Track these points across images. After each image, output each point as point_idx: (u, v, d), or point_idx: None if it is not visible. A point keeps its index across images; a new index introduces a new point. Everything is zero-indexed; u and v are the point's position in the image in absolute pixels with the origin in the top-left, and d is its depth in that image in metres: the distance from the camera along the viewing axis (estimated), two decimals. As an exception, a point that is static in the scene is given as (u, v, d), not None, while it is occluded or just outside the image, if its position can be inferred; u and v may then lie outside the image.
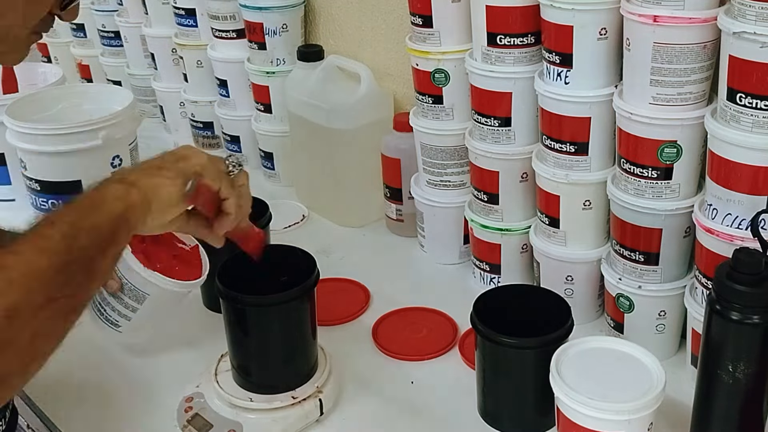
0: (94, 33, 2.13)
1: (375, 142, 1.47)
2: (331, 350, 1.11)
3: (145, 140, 1.81)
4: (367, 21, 1.59)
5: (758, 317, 0.87)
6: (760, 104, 0.91)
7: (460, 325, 1.22)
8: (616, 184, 1.10)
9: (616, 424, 0.89)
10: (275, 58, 1.64)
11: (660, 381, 0.91)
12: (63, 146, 1.43)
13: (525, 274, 1.32)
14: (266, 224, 1.26)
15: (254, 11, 1.60)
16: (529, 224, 1.26)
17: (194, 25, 1.81)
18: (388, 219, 1.52)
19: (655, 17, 0.96)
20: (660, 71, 0.99)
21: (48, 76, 1.79)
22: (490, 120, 1.22)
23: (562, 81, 1.10)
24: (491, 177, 1.26)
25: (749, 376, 0.89)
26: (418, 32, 1.29)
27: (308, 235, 1.52)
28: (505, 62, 1.18)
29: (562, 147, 1.13)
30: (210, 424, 1.02)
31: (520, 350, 1.00)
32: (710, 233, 0.99)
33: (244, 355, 1.06)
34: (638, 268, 1.11)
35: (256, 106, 1.71)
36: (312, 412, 1.05)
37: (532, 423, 1.03)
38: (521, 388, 1.03)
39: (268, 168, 1.74)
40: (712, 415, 0.94)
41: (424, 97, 1.33)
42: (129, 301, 1.07)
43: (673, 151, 1.03)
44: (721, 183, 0.97)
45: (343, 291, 1.34)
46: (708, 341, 0.92)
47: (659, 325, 1.13)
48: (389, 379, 1.14)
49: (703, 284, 1.03)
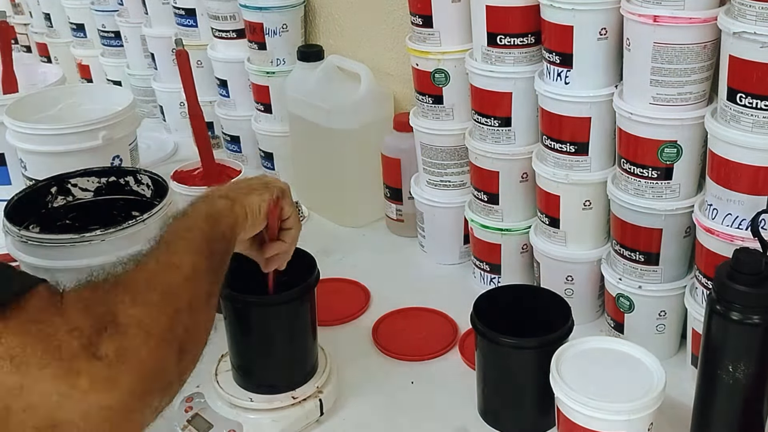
0: (94, 33, 2.13)
1: (375, 142, 1.47)
2: (331, 350, 1.11)
3: (145, 140, 1.82)
4: (367, 21, 1.59)
5: (758, 317, 0.87)
6: (760, 104, 0.91)
7: (460, 325, 1.22)
8: (616, 184, 1.10)
9: (616, 424, 0.89)
10: (275, 58, 1.64)
11: (660, 381, 0.91)
12: (63, 146, 1.43)
13: (525, 274, 1.32)
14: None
15: (254, 11, 1.61)
16: (529, 224, 1.26)
17: (194, 25, 1.81)
18: (388, 219, 1.52)
19: (655, 17, 0.96)
20: (660, 71, 0.99)
21: (48, 76, 1.79)
22: (490, 120, 1.22)
23: (562, 81, 1.10)
24: (491, 177, 1.26)
25: (749, 376, 0.89)
26: (418, 32, 1.29)
27: (308, 235, 1.50)
28: (505, 62, 1.18)
29: (562, 147, 1.13)
30: (210, 424, 1.03)
31: (520, 350, 1.00)
32: (710, 233, 0.99)
33: (244, 355, 1.06)
34: (638, 268, 1.11)
35: (256, 106, 1.71)
36: (312, 412, 1.05)
37: (532, 423, 1.03)
38: (521, 388, 1.03)
39: (268, 168, 1.74)
40: (712, 415, 0.94)
41: (424, 97, 1.33)
42: None
43: (673, 151, 1.03)
44: (721, 183, 0.97)
45: (343, 291, 1.34)
46: (708, 341, 0.92)
47: (659, 325, 1.13)
48: (389, 379, 1.14)
49: (704, 284, 1.03)
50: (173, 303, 0.70)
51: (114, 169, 1.33)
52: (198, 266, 0.76)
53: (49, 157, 1.44)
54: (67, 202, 1.28)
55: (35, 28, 2.40)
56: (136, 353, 0.64)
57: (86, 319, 0.63)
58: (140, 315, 0.66)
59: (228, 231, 0.86)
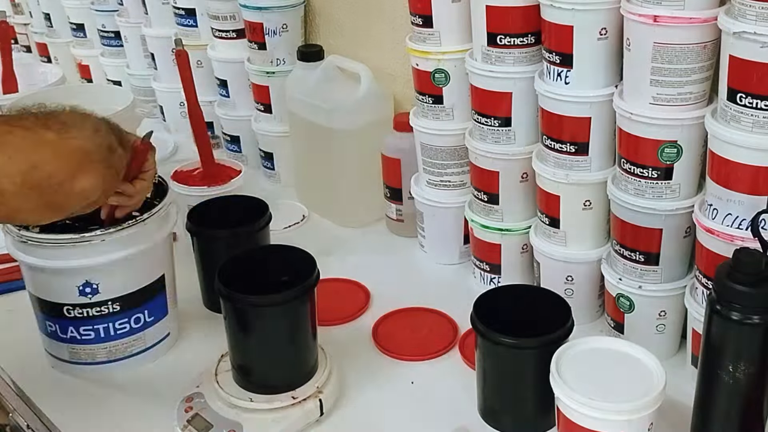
0: (94, 33, 2.13)
1: (375, 142, 1.47)
2: (331, 350, 1.11)
3: (145, 140, 1.82)
4: (367, 21, 1.59)
5: (758, 317, 0.87)
6: (760, 104, 0.91)
7: (460, 325, 1.22)
8: (617, 184, 1.10)
9: (616, 424, 0.89)
10: (275, 58, 1.64)
11: (660, 381, 0.91)
12: (63, 146, 1.43)
13: (525, 274, 1.32)
14: (266, 224, 1.27)
15: (254, 11, 1.60)
16: (529, 224, 1.26)
17: (194, 25, 1.81)
18: (388, 219, 1.52)
19: (656, 17, 0.96)
20: (660, 71, 0.99)
21: (48, 76, 1.79)
22: (490, 120, 1.22)
23: (562, 81, 1.10)
24: (491, 177, 1.26)
25: (749, 376, 0.89)
26: (418, 32, 1.29)
27: (308, 235, 1.52)
28: (505, 62, 1.18)
29: (563, 147, 1.13)
30: (210, 424, 1.02)
31: (520, 350, 1.00)
32: (710, 233, 0.99)
33: (244, 355, 1.06)
34: (638, 268, 1.11)
35: (256, 106, 1.71)
36: (312, 412, 1.05)
37: (532, 423, 1.03)
38: (521, 388, 1.03)
39: (268, 168, 1.74)
40: (712, 415, 0.94)
41: (424, 97, 1.33)
42: None
43: (673, 151, 1.03)
44: (721, 183, 0.97)
45: (343, 291, 1.34)
46: (708, 341, 0.92)
47: (659, 325, 1.13)
48: (389, 379, 1.14)
49: (704, 284, 1.03)
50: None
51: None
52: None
53: (49, 157, 1.44)
54: (67, 202, 1.28)
55: (35, 28, 2.39)
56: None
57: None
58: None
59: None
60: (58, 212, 0.93)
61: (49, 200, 0.89)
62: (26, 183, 0.85)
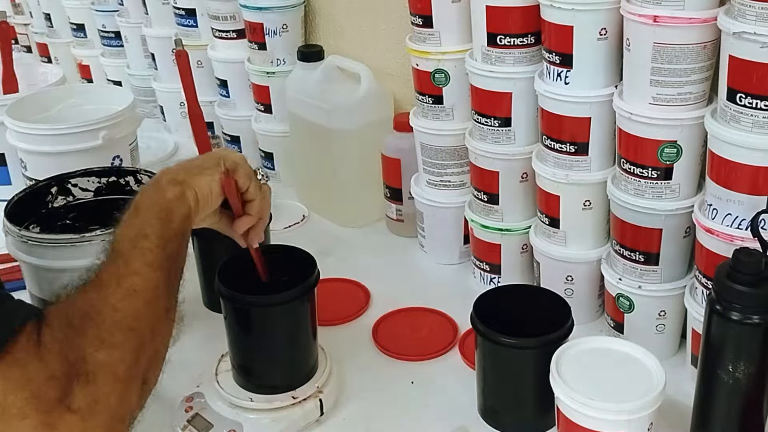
0: (94, 33, 2.13)
1: (375, 142, 1.47)
2: (331, 350, 1.11)
3: (145, 140, 1.82)
4: (367, 21, 1.59)
5: (758, 317, 0.87)
6: (760, 104, 0.91)
7: (460, 325, 1.22)
8: (616, 184, 1.10)
9: (616, 424, 0.89)
10: (275, 58, 1.64)
11: (660, 381, 0.91)
12: (63, 146, 1.43)
13: (525, 274, 1.32)
14: (266, 224, 1.26)
15: (254, 11, 1.61)
16: (529, 224, 1.26)
17: (194, 25, 1.81)
18: (388, 219, 1.52)
19: (655, 17, 0.96)
20: (660, 71, 0.99)
21: (48, 76, 1.79)
22: (490, 120, 1.22)
23: (562, 81, 1.10)
24: (491, 177, 1.26)
25: (749, 376, 0.89)
26: (418, 32, 1.29)
27: (308, 235, 1.52)
28: (505, 62, 1.18)
29: (562, 147, 1.13)
30: (210, 424, 1.02)
31: (520, 350, 1.00)
32: (710, 233, 0.99)
33: (244, 355, 1.06)
34: (638, 268, 1.11)
35: (256, 106, 1.71)
36: (312, 412, 1.05)
37: (532, 423, 1.03)
38: (521, 388, 1.03)
39: (268, 168, 1.74)
40: (712, 415, 0.94)
41: (424, 97, 1.33)
42: None
43: (673, 151, 1.03)
44: (721, 183, 0.97)
45: (343, 291, 1.34)
46: (708, 341, 0.92)
47: (659, 325, 1.13)
48: (389, 379, 1.14)
49: (703, 284, 1.03)
50: (137, 337, 0.74)
51: (114, 169, 1.34)
52: (157, 284, 0.78)
53: (49, 157, 1.44)
54: (67, 202, 1.28)
55: (35, 28, 2.40)
56: (106, 401, 0.69)
57: (61, 365, 0.67)
58: (107, 360, 0.70)
59: (180, 226, 0.85)
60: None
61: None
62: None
